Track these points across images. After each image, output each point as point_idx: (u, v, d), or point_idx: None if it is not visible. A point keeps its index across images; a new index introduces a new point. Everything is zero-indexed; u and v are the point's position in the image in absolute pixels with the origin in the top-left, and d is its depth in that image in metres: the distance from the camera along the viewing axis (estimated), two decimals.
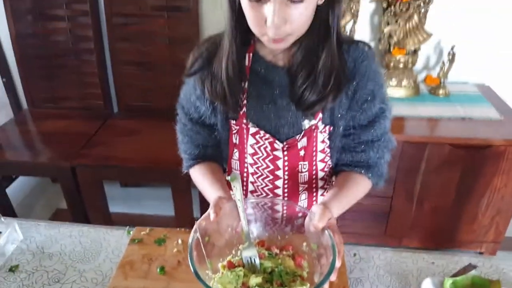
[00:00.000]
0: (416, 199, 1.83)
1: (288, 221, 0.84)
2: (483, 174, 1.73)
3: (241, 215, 0.77)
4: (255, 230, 0.85)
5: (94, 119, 2.18)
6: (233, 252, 0.82)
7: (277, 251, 0.82)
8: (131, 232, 0.99)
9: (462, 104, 1.89)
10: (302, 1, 0.70)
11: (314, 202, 1.00)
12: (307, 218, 0.77)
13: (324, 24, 0.79)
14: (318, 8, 0.76)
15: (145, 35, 2.11)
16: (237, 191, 0.76)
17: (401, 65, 1.95)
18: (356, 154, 0.91)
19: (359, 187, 0.91)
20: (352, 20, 1.93)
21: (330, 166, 0.97)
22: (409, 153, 1.71)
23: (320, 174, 0.96)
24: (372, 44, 2.09)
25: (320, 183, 0.98)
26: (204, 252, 0.74)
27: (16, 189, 2.38)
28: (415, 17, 1.87)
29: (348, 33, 1.96)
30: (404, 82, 1.97)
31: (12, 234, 0.94)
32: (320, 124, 0.88)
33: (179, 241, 0.94)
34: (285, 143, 0.90)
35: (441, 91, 1.98)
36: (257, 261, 0.77)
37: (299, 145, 0.90)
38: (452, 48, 1.89)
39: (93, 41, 2.14)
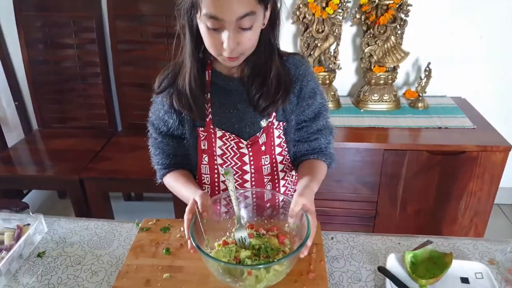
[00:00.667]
0: (400, 203, 1.93)
1: (272, 208, 1.00)
2: (459, 178, 1.84)
3: (234, 202, 0.91)
4: (246, 215, 1.00)
5: (100, 137, 2.32)
6: (227, 234, 0.97)
7: (264, 231, 0.97)
8: (139, 224, 1.13)
9: (439, 115, 2.03)
10: (251, 29, 0.87)
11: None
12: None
13: (267, 43, 0.97)
14: (262, 31, 0.93)
15: (147, 60, 2.27)
16: (230, 183, 0.91)
17: (382, 81, 2.09)
18: (311, 142, 1.09)
19: (321, 170, 1.07)
20: (335, 43, 2.09)
21: (289, 160, 1.13)
22: (391, 159, 1.84)
23: (280, 166, 1.12)
24: (355, 63, 2.27)
25: (281, 175, 1.13)
26: (203, 230, 0.89)
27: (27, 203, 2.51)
28: (392, 38, 2.03)
29: (332, 54, 2.14)
30: (385, 97, 2.11)
31: (39, 226, 1.08)
32: (275, 121, 1.05)
33: (182, 229, 1.08)
34: (248, 141, 1.05)
35: (420, 104, 2.11)
36: (247, 240, 0.92)
37: (260, 141, 1.05)
38: (428, 65, 2.04)
39: (99, 66, 2.31)
